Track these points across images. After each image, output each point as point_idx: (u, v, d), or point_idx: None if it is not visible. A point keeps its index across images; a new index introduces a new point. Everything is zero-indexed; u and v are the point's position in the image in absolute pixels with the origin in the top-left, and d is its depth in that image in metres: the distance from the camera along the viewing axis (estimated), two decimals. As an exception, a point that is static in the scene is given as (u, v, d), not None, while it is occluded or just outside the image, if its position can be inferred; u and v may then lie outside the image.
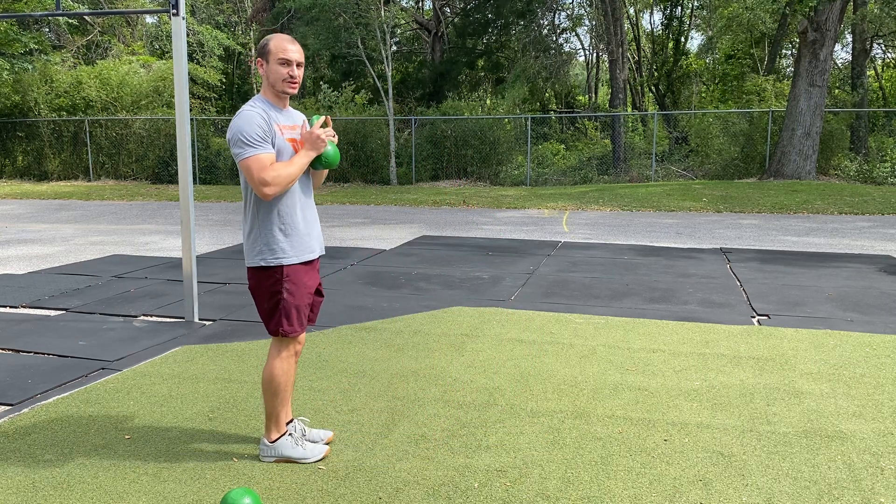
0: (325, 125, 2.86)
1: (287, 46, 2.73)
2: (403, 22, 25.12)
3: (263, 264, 2.78)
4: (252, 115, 2.67)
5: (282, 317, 2.81)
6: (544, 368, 4.10)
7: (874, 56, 25.77)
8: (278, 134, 2.74)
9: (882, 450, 3.04)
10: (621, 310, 5.53)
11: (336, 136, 2.90)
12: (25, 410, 3.48)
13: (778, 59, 25.69)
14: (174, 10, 4.92)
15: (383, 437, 3.17)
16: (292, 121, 2.86)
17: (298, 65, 2.75)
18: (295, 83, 2.76)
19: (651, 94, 31.31)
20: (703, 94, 28.49)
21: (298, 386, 3.82)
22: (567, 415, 3.42)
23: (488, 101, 29.00)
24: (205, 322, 5.22)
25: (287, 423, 3.04)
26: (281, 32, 29.49)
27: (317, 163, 2.85)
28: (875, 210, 12.50)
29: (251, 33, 31.33)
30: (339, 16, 19.73)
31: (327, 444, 3.06)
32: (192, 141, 18.04)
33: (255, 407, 3.53)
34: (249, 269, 2.84)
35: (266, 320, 2.85)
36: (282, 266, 2.78)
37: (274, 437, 2.89)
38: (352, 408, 3.51)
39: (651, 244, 9.05)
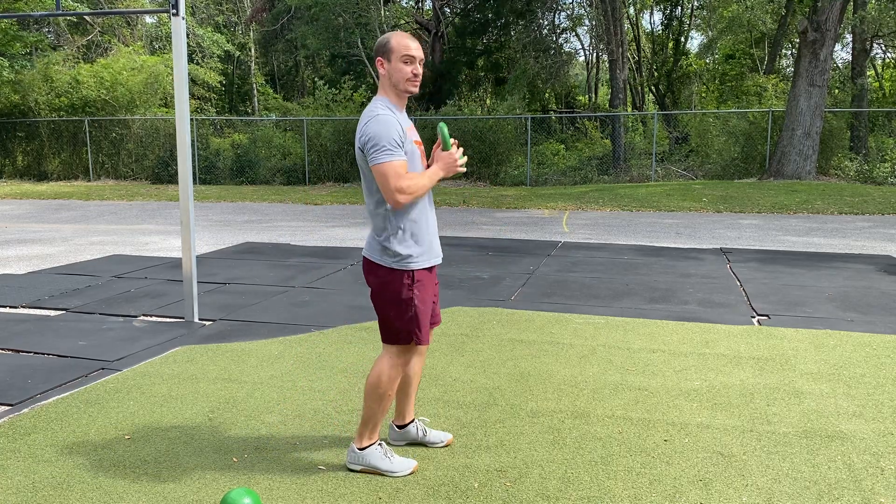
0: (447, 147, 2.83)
1: (409, 44, 2.65)
2: (403, 22, 25.12)
3: (396, 267, 2.70)
4: (389, 120, 2.59)
5: (414, 325, 2.73)
6: (544, 368, 4.10)
7: (874, 56, 25.77)
8: (407, 138, 2.69)
9: (882, 450, 3.04)
10: (621, 310, 5.53)
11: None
12: (25, 410, 3.48)
13: (778, 59, 25.69)
14: (174, 11, 4.92)
15: (383, 436, 3.16)
16: (409, 122, 2.80)
17: (420, 61, 2.70)
18: (418, 81, 2.70)
19: (651, 94, 31.31)
20: (703, 94, 28.49)
21: (298, 386, 3.82)
22: (567, 415, 3.42)
23: (488, 101, 29.00)
24: (205, 322, 5.22)
25: (409, 423, 3.04)
26: (281, 32, 29.17)
27: None
28: (875, 210, 12.49)
29: (251, 33, 31.33)
30: (339, 15, 19.73)
31: (447, 446, 3.07)
32: (192, 141, 18.02)
33: (256, 407, 3.54)
34: (377, 266, 2.73)
35: (391, 327, 2.75)
36: (413, 271, 2.72)
37: (364, 444, 2.81)
38: (352, 408, 3.51)
39: (651, 244, 9.05)
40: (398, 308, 2.73)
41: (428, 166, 2.84)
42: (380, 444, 2.84)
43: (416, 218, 2.73)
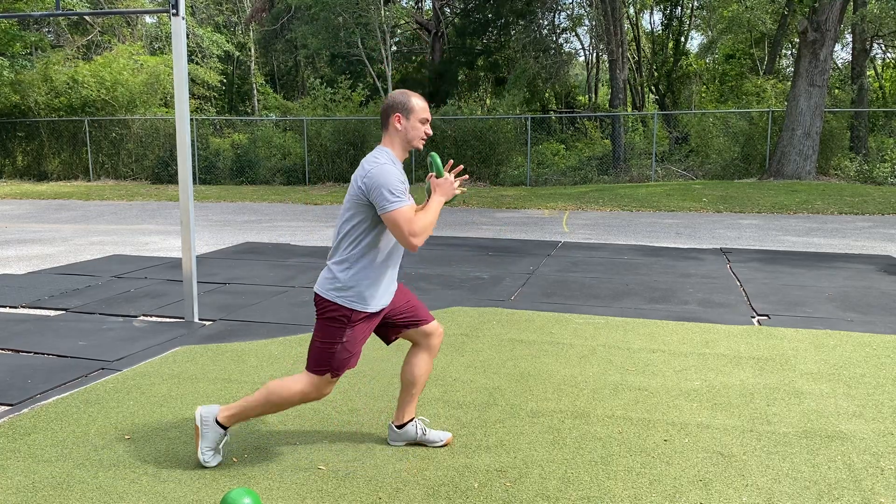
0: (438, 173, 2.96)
1: (425, 106, 2.90)
2: (403, 22, 25.12)
3: (339, 302, 2.78)
4: (392, 170, 2.75)
5: (334, 364, 2.80)
6: (544, 368, 4.10)
7: (874, 56, 25.77)
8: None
9: (882, 450, 3.04)
10: (621, 310, 5.53)
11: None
12: (25, 410, 3.48)
13: (778, 59, 25.68)
14: (174, 11, 4.92)
15: (383, 437, 3.17)
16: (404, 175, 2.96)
17: (429, 122, 2.93)
18: (425, 139, 2.93)
19: (651, 94, 31.31)
20: (702, 94, 28.49)
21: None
22: (567, 415, 3.42)
23: (488, 101, 28.99)
24: (205, 322, 5.22)
25: (407, 422, 3.05)
26: (281, 32, 29.15)
27: None
28: (875, 210, 12.50)
29: (251, 33, 31.34)
30: (339, 15, 19.74)
31: (445, 445, 3.08)
32: (192, 141, 18.03)
33: (255, 407, 3.53)
34: (322, 300, 2.82)
35: (316, 356, 2.82)
36: (353, 310, 2.80)
37: (227, 423, 2.88)
38: (352, 408, 3.51)
39: (651, 244, 9.05)
40: (325, 340, 2.80)
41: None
42: (227, 435, 2.88)
43: (378, 265, 2.83)
